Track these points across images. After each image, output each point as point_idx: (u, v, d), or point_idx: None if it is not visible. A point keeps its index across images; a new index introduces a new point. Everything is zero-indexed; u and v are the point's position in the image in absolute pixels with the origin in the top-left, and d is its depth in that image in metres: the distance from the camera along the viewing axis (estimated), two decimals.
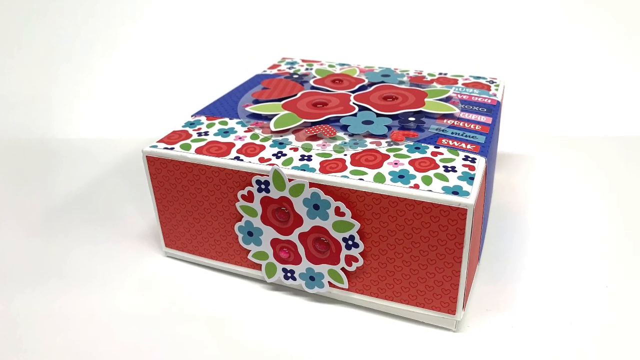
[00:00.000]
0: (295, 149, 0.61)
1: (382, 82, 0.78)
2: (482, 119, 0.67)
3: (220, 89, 0.84)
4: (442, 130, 0.64)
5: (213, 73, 1.21)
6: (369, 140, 0.62)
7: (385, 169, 0.56)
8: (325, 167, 0.57)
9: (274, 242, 0.61)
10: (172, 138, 0.65)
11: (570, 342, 0.57)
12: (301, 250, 0.60)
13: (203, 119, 0.70)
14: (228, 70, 1.14)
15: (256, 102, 0.73)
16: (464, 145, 0.61)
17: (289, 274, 0.63)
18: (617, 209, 0.79)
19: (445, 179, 0.54)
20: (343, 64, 0.88)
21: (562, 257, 0.69)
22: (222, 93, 0.80)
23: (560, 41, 1.22)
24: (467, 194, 0.52)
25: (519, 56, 1.21)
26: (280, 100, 0.72)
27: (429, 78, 0.81)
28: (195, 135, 0.65)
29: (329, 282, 0.61)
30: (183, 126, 0.68)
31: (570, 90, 1.15)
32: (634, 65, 1.18)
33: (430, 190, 0.53)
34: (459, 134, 0.63)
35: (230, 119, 0.69)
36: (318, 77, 0.81)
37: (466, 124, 0.66)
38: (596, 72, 1.18)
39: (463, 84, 0.78)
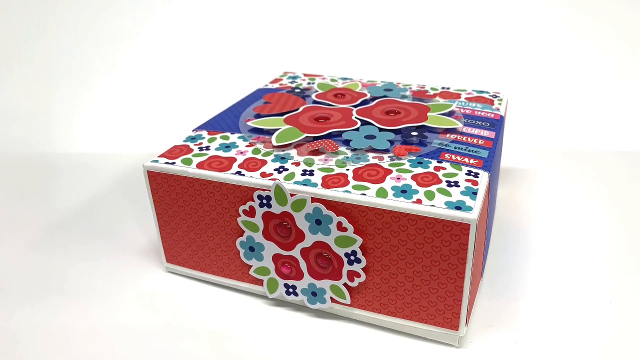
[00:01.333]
0: (297, 164, 0.61)
1: (385, 96, 0.78)
2: (485, 133, 0.67)
3: (222, 103, 0.84)
4: (445, 145, 0.63)
5: (214, 87, 1.21)
6: (371, 155, 0.62)
7: (388, 183, 0.56)
8: (327, 182, 0.57)
9: (276, 258, 0.61)
10: (173, 153, 0.65)
11: (573, 358, 0.57)
12: (303, 265, 0.60)
13: (204, 133, 0.70)
14: (229, 84, 1.14)
15: (258, 116, 0.73)
16: (467, 160, 0.60)
17: (290, 290, 0.62)
18: (621, 224, 0.79)
19: (448, 194, 0.54)
20: (345, 78, 0.88)
21: (566, 273, 0.69)
22: (223, 107, 0.80)
23: (564, 55, 1.22)
24: (470, 209, 0.52)
25: (523, 70, 1.21)
26: (282, 114, 0.72)
27: (431, 92, 0.80)
28: (196, 150, 0.65)
29: (331, 297, 0.61)
30: (184, 141, 0.68)
31: (574, 104, 1.15)
32: (638, 80, 1.18)
33: (433, 205, 0.52)
34: (461, 148, 0.63)
35: (231, 133, 0.69)
36: (320, 91, 0.81)
37: (469, 139, 0.65)
38: (600, 86, 1.18)
39: (466, 98, 0.78)
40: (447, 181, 0.56)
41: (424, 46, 1.25)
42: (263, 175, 0.59)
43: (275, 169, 0.60)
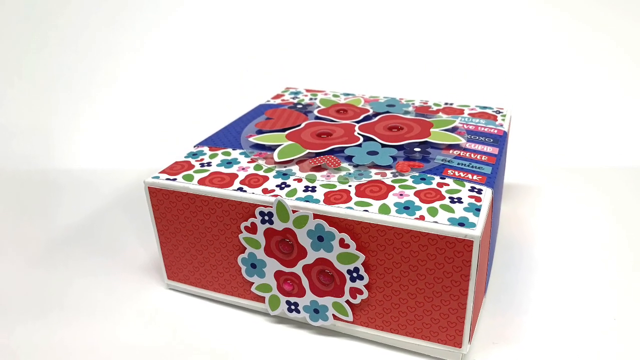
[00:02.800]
0: (299, 180, 0.60)
1: (387, 112, 0.78)
2: (489, 149, 0.67)
3: (224, 119, 0.84)
4: (448, 161, 0.63)
5: (216, 103, 1.20)
6: (373, 171, 0.62)
7: (391, 200, 0.56)
8: (330, 198, 0.56)
9: (278, 275, 0.61)
10: (175, 169, 0.65)
11: None
12: (305, 282, 0.59)
13: (206, 149, 0.69)
14: (231, 100, 1.14)
15: (260, 132, 0.73)
16: (470, 176, 0.60)
17: (292, 307, 0.62)
18: (625, 241, 0.78)
19: (451, 210, 0.54)
20: (347, 94, 0.88)
21: (570, 290, 0.68)
22: (225, 123, 0.79)
23: (568, 72, 1.22)
24: (473, 225, 0.51)
25: (526, 86, 1.21)
26: (284, 130, 0.72)
27: (434, 108, 0.80)
28: (197, 166, 0.65)
29: (333, 314, 0.60)
30: (185, 157, 0.68)
31: (578, 120, 1.15)
32: None
33: (436, 222, 0.52)
34: (465, 164, 0.63)
35: (233, 149, 0.69)
36: (322, 107, 0.81)
37: (472, 155, 0.65)
38: (604, 102, 1.18)
39: (469, 114, 0.78)
40: (450, 197, 0.56)
41: (428, 62, 1.25)
42: (265, 191, 0.58)
43: (277, 185, 0.59)
